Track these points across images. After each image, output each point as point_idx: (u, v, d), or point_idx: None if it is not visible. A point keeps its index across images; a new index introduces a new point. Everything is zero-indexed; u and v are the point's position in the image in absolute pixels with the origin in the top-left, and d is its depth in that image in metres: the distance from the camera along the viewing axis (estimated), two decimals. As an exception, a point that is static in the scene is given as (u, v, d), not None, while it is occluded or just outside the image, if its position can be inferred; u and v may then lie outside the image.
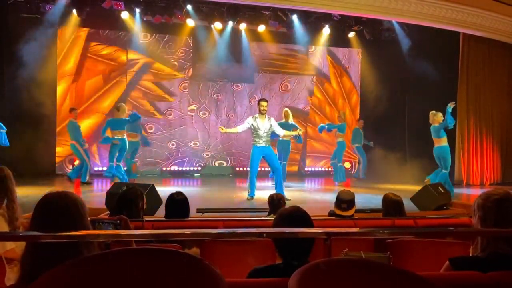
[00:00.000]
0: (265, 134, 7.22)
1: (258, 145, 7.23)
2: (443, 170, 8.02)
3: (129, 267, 1.12)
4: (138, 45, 10.76)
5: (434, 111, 7.99)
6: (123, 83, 10.79)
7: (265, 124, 7.21)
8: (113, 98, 10.63)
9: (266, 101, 7.36)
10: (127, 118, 8.37)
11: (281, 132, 7.54)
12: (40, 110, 9.24)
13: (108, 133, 8.32)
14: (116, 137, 8.23)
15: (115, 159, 8.31)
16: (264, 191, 7.62)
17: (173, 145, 11.17)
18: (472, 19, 8.66)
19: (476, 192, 8.35)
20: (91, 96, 10.57)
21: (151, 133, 10.98)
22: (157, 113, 11.07)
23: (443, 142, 7.96)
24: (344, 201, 3.56)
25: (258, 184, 7.65)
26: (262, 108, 7.20)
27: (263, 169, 8.67)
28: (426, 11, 8.30)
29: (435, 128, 7.91)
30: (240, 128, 7.46)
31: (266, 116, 7.26)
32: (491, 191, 1.93)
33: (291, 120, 9.22)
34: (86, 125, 10.11)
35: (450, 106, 7.60)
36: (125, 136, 8.37)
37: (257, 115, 7.29)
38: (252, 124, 7.22)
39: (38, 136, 9.25)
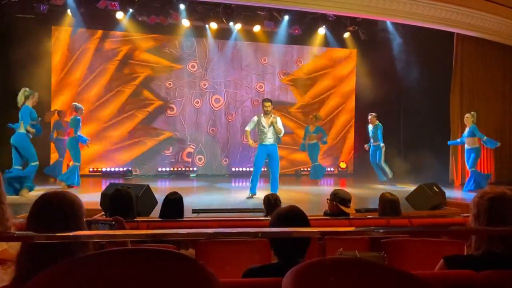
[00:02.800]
0: (270, 130, 7.34)
1: (264, 143, 7.34)
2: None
3: (123, 267, 1.12)
4: (135, 46, 10.73)
5: (472, 112, 8.73)
6: (124, 93, 10.75)
7: (269, 122, 7.33)
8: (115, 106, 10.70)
9: (270, 101, 7.50)
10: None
11: (281, 126, 7.45)
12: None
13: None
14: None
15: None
16: (260, 192, 7.61)
17: (168, 147, 11.14)
18: (466, 20, 8.69)
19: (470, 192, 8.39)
20: (95, 102, 10.57)
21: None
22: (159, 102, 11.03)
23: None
24: (349, 200, 3.78)
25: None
26: (266, 108, 7.35)
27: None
28: (421, 12, 8.33)
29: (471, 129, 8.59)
30: (248, 127, 7.58)
31: (271, 115, 7.38)
32: (488, 189, 1.93)
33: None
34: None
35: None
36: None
37: (261, 115, 7.37)
38: (256, 122, 7.40)
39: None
